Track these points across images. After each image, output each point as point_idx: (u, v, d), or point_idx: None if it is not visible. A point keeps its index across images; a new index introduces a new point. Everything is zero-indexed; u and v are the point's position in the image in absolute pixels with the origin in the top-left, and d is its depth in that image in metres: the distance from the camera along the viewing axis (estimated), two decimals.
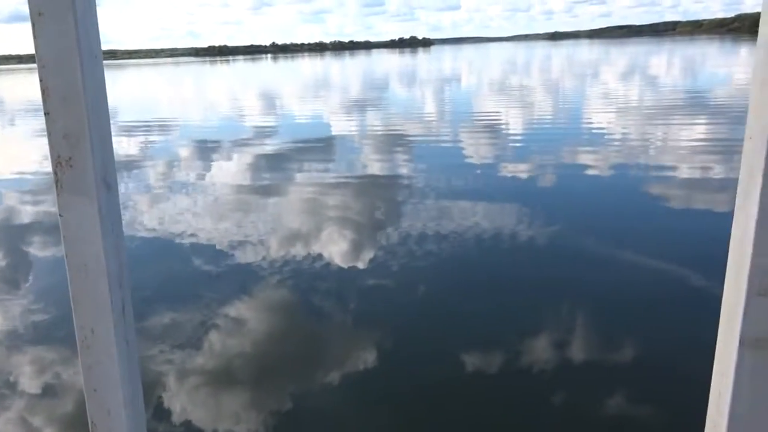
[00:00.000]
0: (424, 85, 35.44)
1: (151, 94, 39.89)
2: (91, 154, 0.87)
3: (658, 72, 36.97)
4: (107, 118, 0.93)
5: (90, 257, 0.89)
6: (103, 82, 0.93)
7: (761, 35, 0.86)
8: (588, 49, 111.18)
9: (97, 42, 0.93)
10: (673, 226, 7.12)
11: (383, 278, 5.86)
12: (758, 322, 0.84)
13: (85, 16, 0.89)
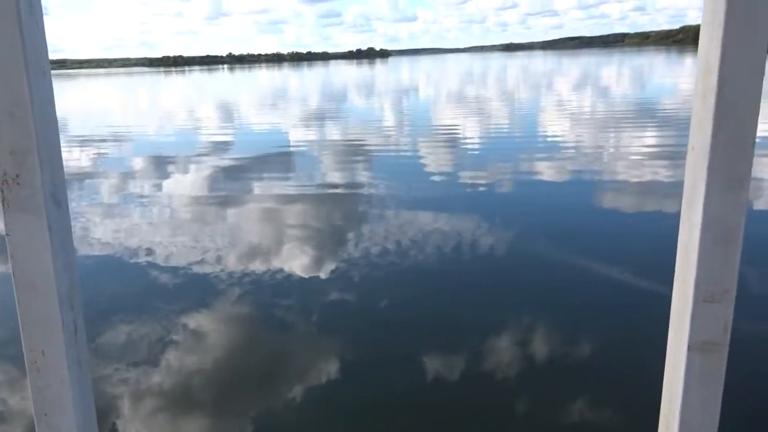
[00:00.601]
0: (382, 96, 35.61)
1: (101, 105, 38.93)
2: (40, 170, 0.85)
3: (609, 82, 38.04)
4: (56, 133, 0.92)
5: (39, 277, 0.86)
6: (51, 95, 0.91)
7: (701, 50, 0.90)
8: (542, 60, 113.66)
9: (45, 54, 0.91)
10: (625, 231, 7.30)
11: (342, 290, 5.83)
12: (705, 327, 0.86)
13: (31, 28, 0.87)
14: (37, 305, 0.87)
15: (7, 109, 0.85)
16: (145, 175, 12.45)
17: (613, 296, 5.45)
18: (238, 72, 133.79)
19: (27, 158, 0.85)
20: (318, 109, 27.79)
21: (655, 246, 6.57)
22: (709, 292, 0.86)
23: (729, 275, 0.86)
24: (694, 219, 0.87)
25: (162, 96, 49.36)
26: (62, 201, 0.90)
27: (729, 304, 0.87)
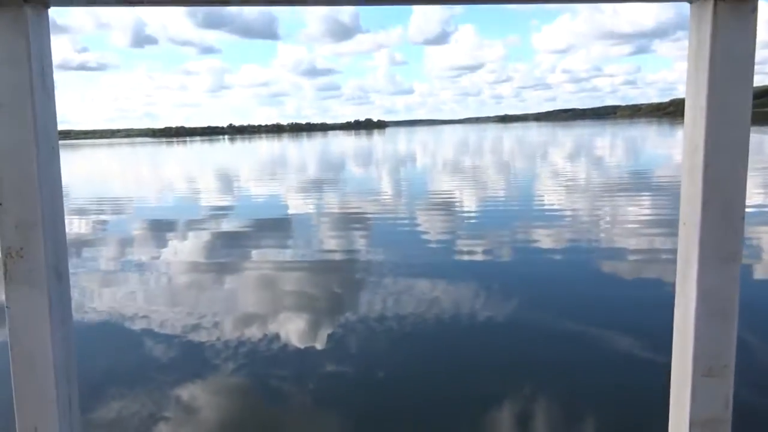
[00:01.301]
0: (379, 165, 36.13)
1: (102, 174, 39.39)
2: (43, 244, 0.86)
3: (604, 152, 38.74)
4: (61, 208, 0.92)
5: (37, 350, 0.86)
6: (59, 172, 0.92)
7: (686, 129, 0.93)
8: (537, 131, 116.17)
9: (55, 131, 0.93)
10: (620, 302, 7.25)
11: (338, 361, 5.73)
12: (706, 403, 0.85)
13: (44, 108, 0.89)
14: (32, 379, 0.86)
15: (15, 184, 0.86)
16: (142, 243, 12.45)
17: (610, 370, 5.36)
18: (239, 142, 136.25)
19: (32, 232, 0.86)
20: (315, 177, 28.13)
21: (651, 318, 6.51)
22: (708, 367, 0.85)
23: (727, 349, 0.85)
24: (688, 292, 0.87)
25: (162, 166, 50.03)
26: (63, 273, 0.91)
27: (729, 379, 0.86)
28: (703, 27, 0.93)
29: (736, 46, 0.90)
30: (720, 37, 0.90)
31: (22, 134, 0.86)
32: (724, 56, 0.89)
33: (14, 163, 0.85)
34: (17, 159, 0.85)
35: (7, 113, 0.86)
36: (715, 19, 0.91)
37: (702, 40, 0.92)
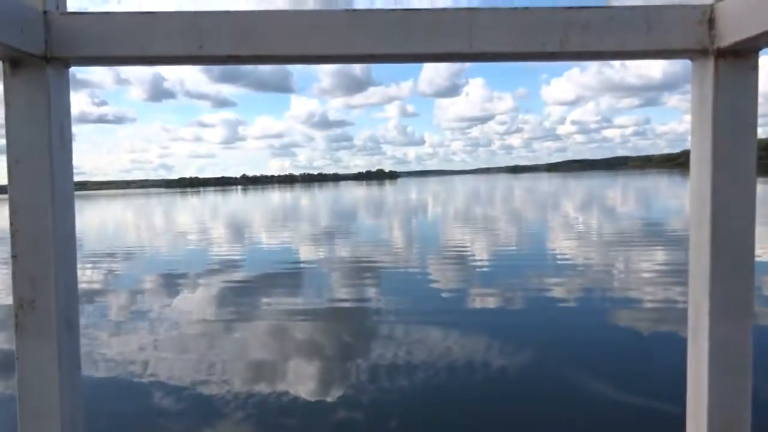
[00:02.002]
0: (390, 215, 36.18)
1: (115, 224, 39.70)
2: (56, 296, 0.86)
3: (617, 203, 38.61)
4: (74, 260, 0.93)
5: (45, 402, 0.85)
6: (73, 225, 0.93)
7: (692, 182, 0.93)
8: (548, 181, 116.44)
9: (71, 187, 0.94)
10: (632, 355, 7.04)
11: (351, 413, 5.55)
12: None
13: (61, 164, 0.91)
14: (40, 431, 0.85)
15: (30, 237, 0.87)
16: (151, 293, 12.39)
17: (622, 424, 5.14)
18: (251, 193, 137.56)
19: (44, 284, 0.86)
20: (326, 227, 28.15)
21: (665, 372, 6.30)
22: (724, 425, 0.83)
23: (743, 407, 0.83)
24: (701, 348, 0.86)
25: (173, 216, 50.42)
26: (74, 324, 0.91)
27: None
28: (705, 84, 0.94)
29: (738, 103, 0.91)
30: (722, 94, 0.91)
31: (38, 189, 0.87)
32: (726, 112, 0.90)
33: (30, 217, 0.86)
34: (33, 213, 0.86)
35: (26, 169, 0.87)
36: (716, 76, 0.92)
37: (704, 96, 0.94)
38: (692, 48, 0.95)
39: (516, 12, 0.97)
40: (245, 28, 0.96)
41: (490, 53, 0.97)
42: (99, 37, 0.95)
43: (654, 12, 0.96)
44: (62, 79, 0.96)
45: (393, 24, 0.96)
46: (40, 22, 0.92)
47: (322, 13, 0.97)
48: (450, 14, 0.97)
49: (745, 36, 0.87)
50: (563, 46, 0.96)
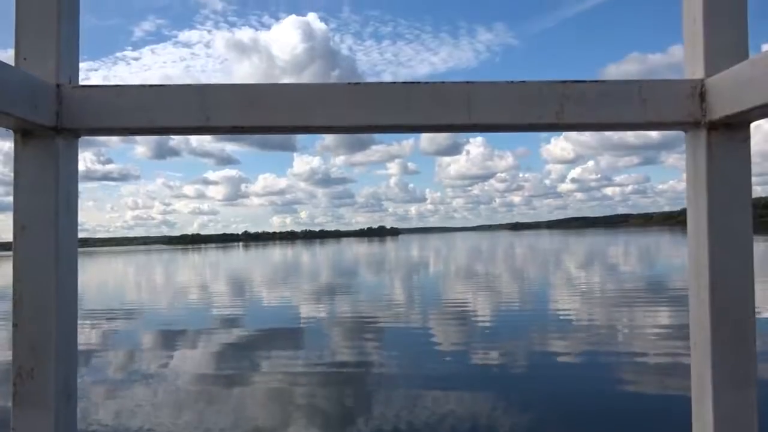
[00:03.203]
0: (391, 272, 35.98)
1: (116, 281, 39.50)
2: (55, 365, 0.85)
3: (622, 261, 38.41)
4: (75, 328, 0.92)
5: None
6: (75, 292, 0.93)
7: (689, 250, 0.94)
8: (550, 239, 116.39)
9: (75, 255, 0.94)
10: (637, 420, 6.84)
11: None
12: None
13: (66, 231, 0.92)
14: None
15: (32, 305, 0.87)
16: (148, 352, 12.18)
17: None
18: (253, 249, 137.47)
19: (45, 353, 0.85)
20: (328, 284, 27.96)
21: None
22: None
23: None
24: (705, 420, 0.85)
25: (173, 273, 50.23)
26: (72, 394, 0.89)
27: None
28: (699, 154, 0.96)
29: (731, 174, 0.93)
30: (715, 165, 0.93)
31: (42, 257, 0.87)
32: (720, 184, 0.92)
33: (33, 285, 0.86)
34: (36, 281, 0.87)
35: (31, 236, 0.88)
36: (709, 148, 0.94)
37: (698, 166, 0.96)
38: (685, 120, 0.97)
39: (513, 85, 0.99)
40: (250, 100, 0.98)
41: (488, 125, 1.00)
42: (109, 109, 0.98)
43: (647, 86, 0.99)
44: (72, 149, 0.98)
45: (394, 97, 0.99)
46: (53, 95, 0.95)
47: (325, 86, 1.00)
48: (449, 87, 0.99)
49: (736, 110, 0.89)
50: (559, 118, 0.98)
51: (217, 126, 0.99)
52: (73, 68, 1.01)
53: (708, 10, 0.96)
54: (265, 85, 1.00)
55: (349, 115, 0.98)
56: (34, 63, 0.95)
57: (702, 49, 0.98)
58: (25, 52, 0.96)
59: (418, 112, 0.98)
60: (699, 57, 0.98)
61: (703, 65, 0.97)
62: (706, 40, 0.97)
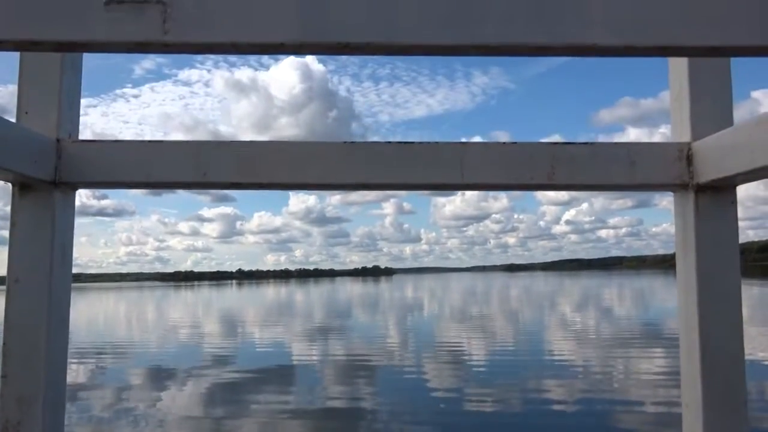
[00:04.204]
0: (385, 312, 35.67)
1: (106, 318, 39.00)
2: (42, 419, 0.83)
3: (616, 303, 38.24)
4: (64, 380, 0.91)
5: None
6: (66, 344, 0.92)
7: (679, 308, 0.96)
8: (544, 280, 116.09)
9: (67, 307, 0.94)
10: None
11: None
12: None
13: (59, 283, 0.91)
14: None
15: (21, 357, 0.85)
16: (139, 390, 11.92)
17: None
18: (246, 288, 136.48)
19: (32, 406, 0.83)
20: (320, 324, 27.65)
21: None
22: None
23: None
24: None
25: (162, 310, 49.69)
26: None
27: None
28: (687, 215, 0.98)
29: (719, 235, 0.94)
30: (704, 227, 0.95)
31: (34, 309, 0.87)
32: (709, 243, 0.93)
33: (22, 337, 0.85)
34: (26, 332, 0.86)
35: (25, 288, 0.88)
36: (696, 209, 0.96)
37: (687, 227, 0.98)
38: (673, 183, 0.99)
39: (505, 146, 1.01)
40: (247, 157, 0.99)
41: (481, 184, 1.01)
42: (107, 163, 0.98)
43: (635, 149, 1.01)
44: (68, 202, 0.98)
45: (388, 156, 1.00)
46: (52, 150, 0.95)
47: (321, 145, 1.02)
48: (442, 148, 1.01)
49: (722, 174, 0.90)
50: (550, 179, 0.99)
51: (214, 182, 1.00)
52: (73, 122, 1.03)
53: (693, 77, 0.98)
54: (261, 142, 1.01)
55: (344, 174, 0.99)
56: (35, 117, 0.96)
57: (688, 114, 1.00)
58: (27, 106, 0.98)
59: (411, 171, 0.99)
60: (686, 122, 1.01)
61: (690, 130, 1.00)
62: (692, 106, 1.00)
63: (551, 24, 0.73)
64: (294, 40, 0.75)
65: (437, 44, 0.74)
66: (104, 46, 0.74)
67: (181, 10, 0.73)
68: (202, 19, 0.74)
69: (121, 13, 0.73)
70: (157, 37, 0.73)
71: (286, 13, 0.75)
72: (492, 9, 0.73)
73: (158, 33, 0.73)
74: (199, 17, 0.74)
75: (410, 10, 0.74)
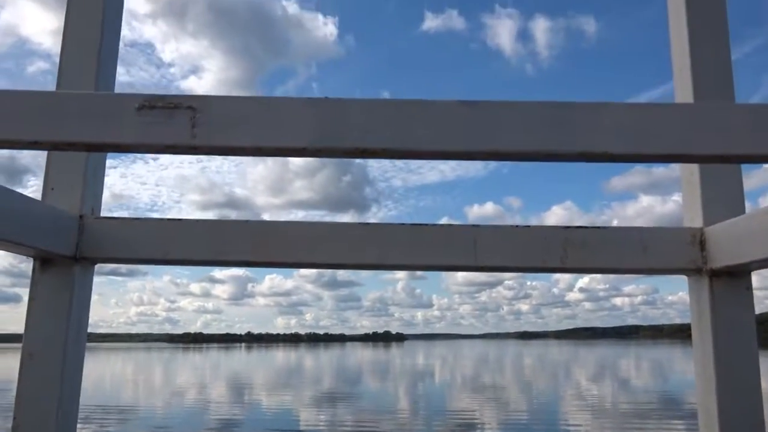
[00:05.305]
0: (396, 379, 34.93)
1: (113, 379, 38.49)
2: None
3: (639, 378, 37.18)
4: None
5: None
6: (75, 422, 0.92)
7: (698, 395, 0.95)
8: (559, 349, 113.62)
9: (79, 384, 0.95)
10: None
11: None
12: None
13: (73, 358, 0.92)
14: None
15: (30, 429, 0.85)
16: None
17: None
18: (255, 351, 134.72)
19: None
20: (329, 391, 27.08)
21: None
22: None
23: None
24: None
25: (168, 373, 49.05)
26: None
27: None
28: (702, 300, 0.98)
29: (735, 321, 0.94)
30: (719, 311, 0.94)
31: (47, 387, 0.86)
32: (725, 329, 0.93)
33: (33, 414, 0.85)
34: (37, 410, 0.85)
35: (39, 364, 0.87)
36: (711, 294, 0.96)
37: (702, 311, 0.97)
38: (687, 267, 0.99)
39: (517, 230, 1.01)
40: (262, 237, 1.01)
41: (494, 266, 1.01)
42: (127, 240, 1.01)
43: (647, 233, 1.01)
44: (87, 276, 1.01)
45: (402, 238, 1.01)
46: (74, 227, 0.98)
47: (335, 225, 1.03)
48: (455, 230, 1.02)
49: (737, 261, 0.90)
50: (563, 263, 1.00)
51: (229, 260, 1.02)
52: (96, 199, 1.05)
53: None
54: (276, 222, 1.04)
55: (358, 254, 1.01)
56: (60, 193, 0.99)
57: (700, 199, 1.00)
58: (54, 183, 1.01)
59: (425, 253, 1.00)
60: (697, 206, 1.01)
61: (702, 214, 1.00)
62: (703, 191, 1.00)
63: (564, 133, 0.75)
64: (315, 145, 0.78)
65: (452, 150, 0.76)
66: (134, 147, 0.77)
67: (209, 116, 0.76)
68: (228, 124, 0.77)
69: (152, 117, 0.76)
70: (185, 141, 0.76)
71: (307, 120, 0.77)
72: (506, 119, 0.76)
73: (186, 137, 0.76)
74: (225, 122, 0.77)
75: (426, 119, 0.76)
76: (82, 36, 1.16)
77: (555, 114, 0.76)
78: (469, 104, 0.76)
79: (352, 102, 0.78)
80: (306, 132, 0.77)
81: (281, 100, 0.78)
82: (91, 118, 0.75)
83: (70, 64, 1.16)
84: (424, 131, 0.76)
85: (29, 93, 0.77)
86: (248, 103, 0.78)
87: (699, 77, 1.05)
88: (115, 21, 1.24)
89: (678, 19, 1.12)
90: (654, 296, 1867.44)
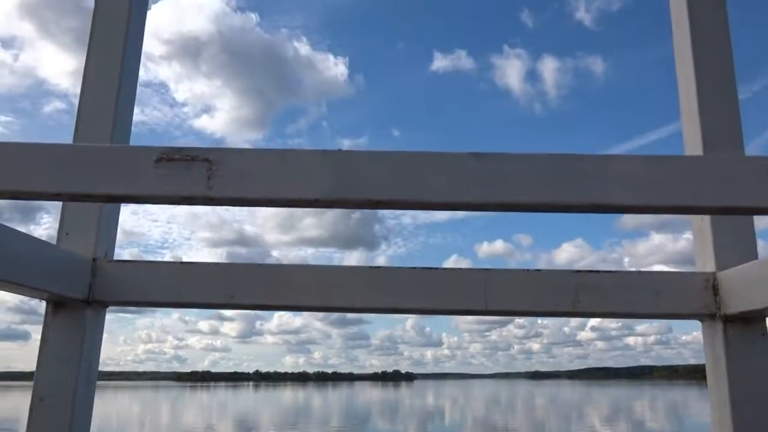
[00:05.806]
0: (405, 421, 34.30)
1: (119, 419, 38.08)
2: None
3: (649, 418, 36.32)
4: None
5: None
6: None
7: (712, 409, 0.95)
8: (572, 389, 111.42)
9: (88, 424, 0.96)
10: None
11: None
12: None
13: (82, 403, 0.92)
14: None
15: None
16: None
17: None
18: (263, 390, 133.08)
19: None
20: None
21: None
22: None
23: None
24: None
25: (180, 413, 48.50)
26: None
27: None
28: (717, 346, 0.97)
29: (751, 368, 0.92)
30: (734, 357, 0.93)
31: (57, 429, 0.87)
32: (740, 374, 0.92)
33: None
34: None
35: (48, 408, 0.88)
36: (726, 339, 0.95)
37: (717, 356, 0.96)
38: (700, 312, 0.99)
39: (529, 274, 1.01)
40: (274, 280, 1.02)
41: (504, 311, 1.01)
42: (140, 283, 1.02)
43: (660, 278, 1.01)
44: (99, 319, 1.01)
45: (412, 282, 1.01)
46: (87, 270, 0.99)
47: (346, 269, 1.03)
48: (466, 274, 1.01)
49: (751, 308, 0.90)
50: (575, 307, 0.99)
51: (241, 303, 1.04)
52: (110, 242, 1.06)
53: None
54: (288, 265, 1.04)
55: (369, 298, 1.01)
56: (74, 238, 1.01)
57: (711, 244, 1.00)
58: (69, 227, 1.02)
59: (436, 297, 1.00)
60: (709, 252, 1.00)
61: (714, 259, 1.00)
62: (715, 236, 1.00)
63: (574, 185, 0.75)
64: (327, 197, 0.78)
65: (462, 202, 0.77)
66: (152, 198, 0.79)
67: (225, 168, 0.77)
68: (243, 176, 0.78)
69: (170, 169, 0.77)
70: (201, 192, 0.77)
71: (320, 172, 0.78)
72: (516, 171, 0.76)
73: (203, 188, 0.77)
74: (240, 174, 0.78)
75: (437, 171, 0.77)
76: (102, 79, 1.18)
77: (565, 166, 0.76)
78: (479, 156, 0.77)
79: (364, 154, 0.80)
80: (319, 184, 0.78)
81: (295, 153, 0.80)
82: (110, 170, 0.77)
83: (89, 106, 1.18)
84: (435, 183, 0.77)
85: (51, 146, 0.78)
86: (263, 155, 0.80)
87: (707, 125, 1.06)
88: (134, 64, 1.27)
89: (685, 68, 1.13)
90: (668, 336, 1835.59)
